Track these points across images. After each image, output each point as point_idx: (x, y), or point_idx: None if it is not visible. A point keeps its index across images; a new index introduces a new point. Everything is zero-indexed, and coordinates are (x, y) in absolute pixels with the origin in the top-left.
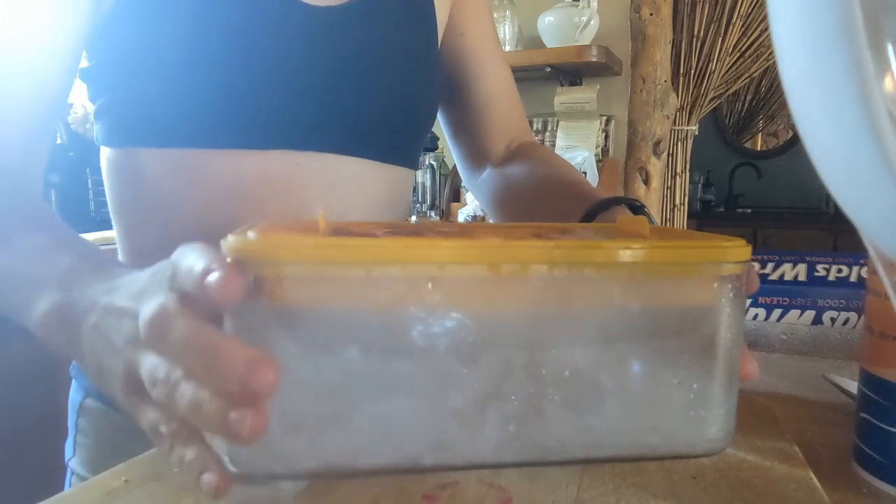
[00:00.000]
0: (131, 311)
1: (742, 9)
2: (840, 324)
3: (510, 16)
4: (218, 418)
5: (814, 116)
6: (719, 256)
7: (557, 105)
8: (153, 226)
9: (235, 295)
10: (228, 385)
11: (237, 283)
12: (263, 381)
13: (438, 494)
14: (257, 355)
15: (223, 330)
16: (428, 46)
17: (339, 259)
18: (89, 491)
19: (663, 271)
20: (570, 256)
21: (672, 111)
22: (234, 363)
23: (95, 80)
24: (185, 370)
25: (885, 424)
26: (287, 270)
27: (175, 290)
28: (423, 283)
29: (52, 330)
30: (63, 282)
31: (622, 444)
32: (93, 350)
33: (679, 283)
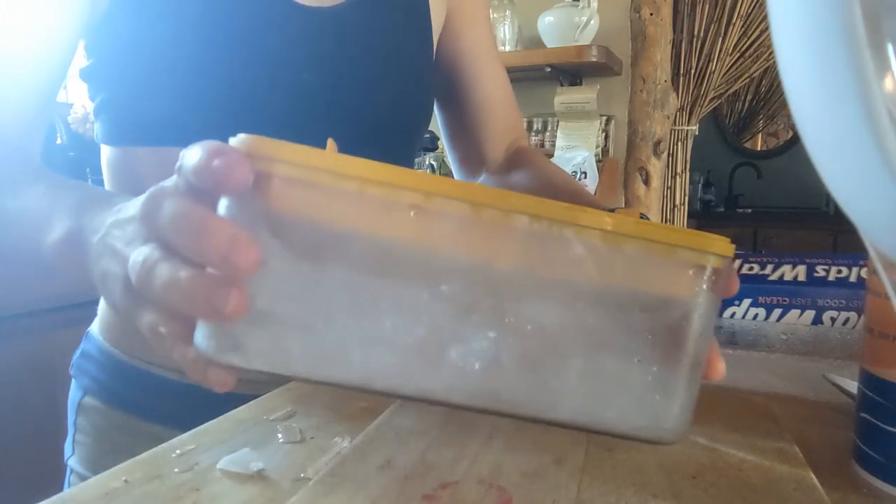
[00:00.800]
0: (136, 216)
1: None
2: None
3: (510, 16)
4: (202, 292)
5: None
6: (701, 245)
7: (557, 105)
8: None
9: (242, 179)
10: (211, 259)
11: (244, 168)
12: (245, 257)
13: (438, 494)
14: (241, 234)
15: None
16: (422, 48)
17: (336, 168)
18: (89, 491)
19: (644, 248)
20: (553, 213)
21: (672, 111)
22: (219, 238)
23: (95, 78)
24: (171, 246)
25: (885, 424)
26: (284, 170)
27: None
28: (407, 210)
29: (64, 255)
30: (74, 210)
31: (575, 411)
32: (98, 260)
33: (657, 264)
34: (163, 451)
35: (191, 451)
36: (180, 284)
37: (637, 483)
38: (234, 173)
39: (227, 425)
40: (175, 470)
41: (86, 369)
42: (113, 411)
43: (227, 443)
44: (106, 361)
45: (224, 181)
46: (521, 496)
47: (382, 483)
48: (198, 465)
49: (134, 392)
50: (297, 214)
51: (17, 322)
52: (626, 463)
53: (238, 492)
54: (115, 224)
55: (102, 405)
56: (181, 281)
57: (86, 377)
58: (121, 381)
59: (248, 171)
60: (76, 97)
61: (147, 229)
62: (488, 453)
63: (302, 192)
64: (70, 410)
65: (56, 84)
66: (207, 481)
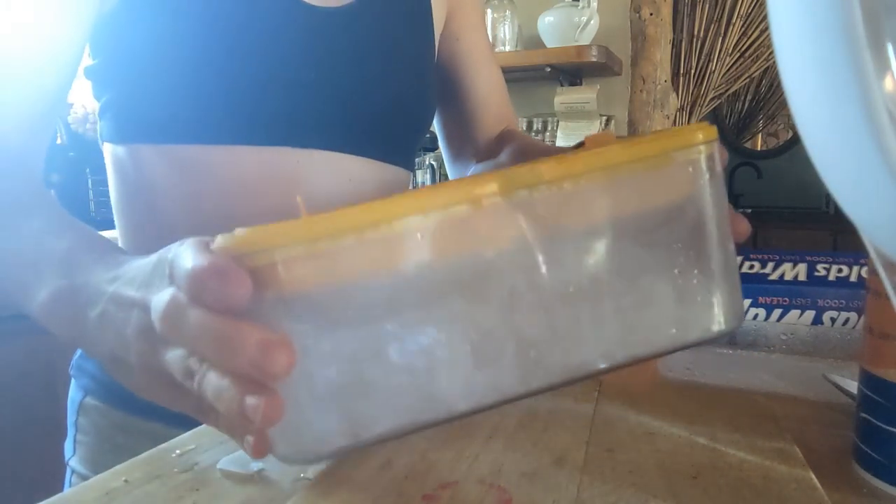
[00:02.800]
0: (140, 301)
1: (742, 9)
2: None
3: (510, 16)
4: (235, 405)
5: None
6: (688, 140)
7: (557, 105)
8: (155, 222)
9: (244, 294)
10: (243, 369)
11: (241, 285)
12: (278, 362)
13: (439, 494)
14: (271, 336)
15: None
16: (425, 49)
17: (328, 229)
18: (89, 491)
19: (638, 168)
20: (544, 176)
21: (672, 111)
22: (248, 346)
23: (99, 77)
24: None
25: (885, 424)
26: (282, 254)
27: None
28: (413, 235)
29: (56, 316)
30: (64, 266)
31: (641, 343)
32: (103, 340)
33: (656, 176)
34: (163, 451)
35: (191, 451)
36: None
37: (637, 483)
38: (233, 290)
39: None
40: (175, 470)
41: (86, 369)
42: (114, 411)
43: (227, 443)
44: None
45: (225, 301)
46: (521, 496)
47: (382, 483)
48: (198, 465)
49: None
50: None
51: (17, 322)
52: (626, 463)
53: (238, 492)
54: (117, 301)
55: (103, 405)
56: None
57: (86, 377)
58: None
59: (245, 282)
60: (76, 97)
61: (173, 344)
62: (488, 453)
63: (307, 265)
64: (70, 411)
65: (62, 90)
66: (207, 481)
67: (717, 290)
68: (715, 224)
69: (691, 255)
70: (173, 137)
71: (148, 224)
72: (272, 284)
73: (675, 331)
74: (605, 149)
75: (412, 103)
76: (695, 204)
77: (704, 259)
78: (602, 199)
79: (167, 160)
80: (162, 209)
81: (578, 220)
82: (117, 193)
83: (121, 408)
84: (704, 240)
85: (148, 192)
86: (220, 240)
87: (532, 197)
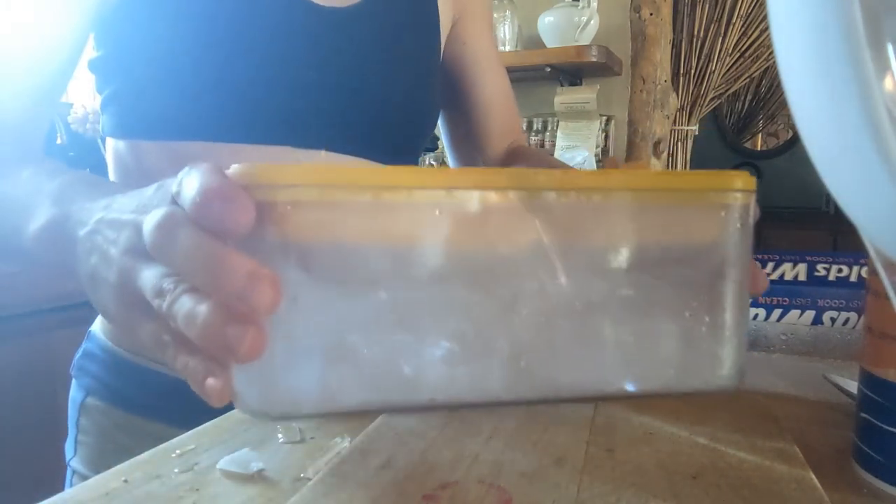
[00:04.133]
0: (132, 221)
1: (742, 9)
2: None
3: (510, 16)
4: (215, 330)
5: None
6: (726, 184)
7: (557, 105)
8: None
9: (245, 221)
10: (228, 297)
11: (246, 209)
12: (264, 295)
13: (439, 494)
14: (260, 270)
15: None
16: (430, 52)
17: (347, 180)
18: (89, 491)
19: (670, 199)
20: (577, 182)
21: (672, 111)
22: (237, 275)
23: (102, 70)
24: (186, 281)
25: (885, 424)
26: (295, 194)
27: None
28: (430, 210)
29: (47, 242)
30: (57, 197)
31: (635, 379)
32: (87, 258)
33: (686, 212)
34: (163, 451)
35: (191, 451)
36: (196, 320)
37: (637, 483)
38: (236, 216)
39: (227, 425)
40: (175, 470)
41: (88, 369)
42: (116, 411)
43: (227, 443)
44: (109, 360)
45: (226, 225)
46: (521, 496)
47: (382, 483)
48: (198, 465)
49: (138, 391)
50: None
51: (17, 322)
52: (626, 463)
53: (238, 492)
54: (107, 223)
55: (105, 405)
56: (198, 316)
57: (88, 377)
58: (124, 381)
59: (250, 211)
60: (76, 97)
61: (158, 259)
62: (488, 453)
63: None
64: (71, 411)
65: (64, 73)
66: (207, 481)
67: (725, 344)
68: (736, 276)
69: (706, 301)
70: (175, 134)
71: None
72: (277, 223)
73: (673, 375)
74: (642, 171)
75: (415, 105)
76: (720, 250)
77: (718, 309)
78: (629, 220)
79: (169, 156)
80: None
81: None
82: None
83: (123, 408)
84: (722, 289)
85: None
86: (235, 167)
87: (560, 202)
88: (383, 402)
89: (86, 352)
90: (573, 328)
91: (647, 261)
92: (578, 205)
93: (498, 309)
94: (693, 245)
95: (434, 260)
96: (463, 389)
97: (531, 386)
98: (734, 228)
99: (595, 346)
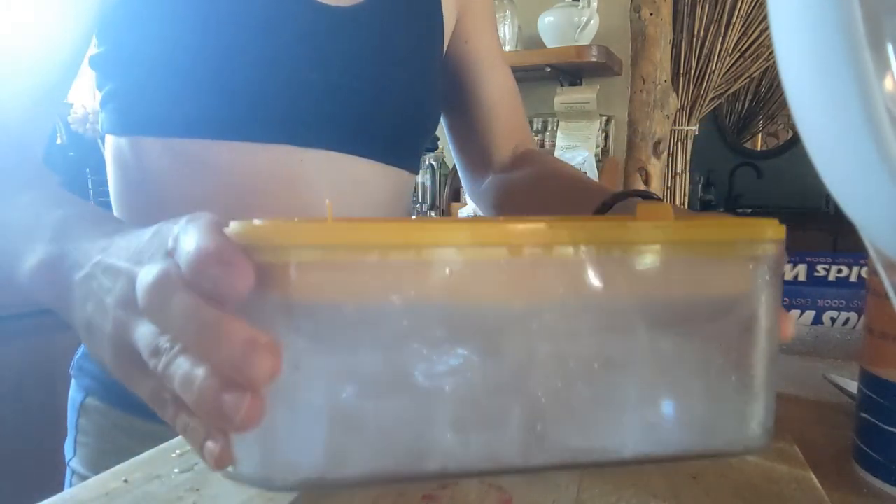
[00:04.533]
0: (127, 271)
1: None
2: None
3: (510, 16)
4: (211, 398)
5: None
6: (754, 235)
7: (557, 105)
8: (155, 216)
9: (244, 288)
10: (224, 366)
11: (247, 275)
12: (262, 366)
13: (439, 495)
14: (259, 338)
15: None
16: (433, 51)
17: (354, 241)
18: (89, 491)
19: (696, 251)
20: (596, 236)
21: (672, 111)
22: (234, 343)
23: (103, 66)
24: (182, 344)
25: (885, 424)
26: (298, 255)
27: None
28: (440, 269)
29: (43, 281)
30: (56, 233)
31: (657, 443)
32: (83, 305)
33: (713, 264)
34: (163, 451)
35: (191, 451)
36: (192, 385)
37: (637, 483)
38: (234, 282)
39: None
40: (175, 470)
41: (88, 370)
42: (116, 412)
43: None
44: None
45: (223, 290)
46: (521, 496)
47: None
48: (198, 465)
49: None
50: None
51: (17, 322)
52: None
53: (238, 492)
54: (103, 269)
55: (105, 406)
56: (194, 381)
57: (88, 378)
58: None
59: (248, 277)
60: (76, 97)
61: (151, 321)
62: None
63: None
64: (71, 411)
65: (66, 74)
66: (207, 481)
67: (752, 403)
68: (766, 329)
69: (733, 357)
70: (174, 130)
71: (147, 217)
72: (278, 286)
73: (697, 437)
74: (664, 223)
75: (416, 105)
76: (749, 304)
77: (745, 366)
78: (651, 275)
79: (168, 153)
80: (161, 203)
81: (621, 292)
82: (117, 186)
83: (123, 408)
84: (750, 345)
85: (148, 185)
86: (234, 225)
87: (577, 257)
88: (391, 473)
89: (86, 352)
90: (592, 390)
91: (672, 317)
92: (598, 260)
93: (513, 371)
94: (720, 299)
95: (444, 321)
96: (475, 457)
97: (548, 452)
98: (763, 281)
99: (615, 409)
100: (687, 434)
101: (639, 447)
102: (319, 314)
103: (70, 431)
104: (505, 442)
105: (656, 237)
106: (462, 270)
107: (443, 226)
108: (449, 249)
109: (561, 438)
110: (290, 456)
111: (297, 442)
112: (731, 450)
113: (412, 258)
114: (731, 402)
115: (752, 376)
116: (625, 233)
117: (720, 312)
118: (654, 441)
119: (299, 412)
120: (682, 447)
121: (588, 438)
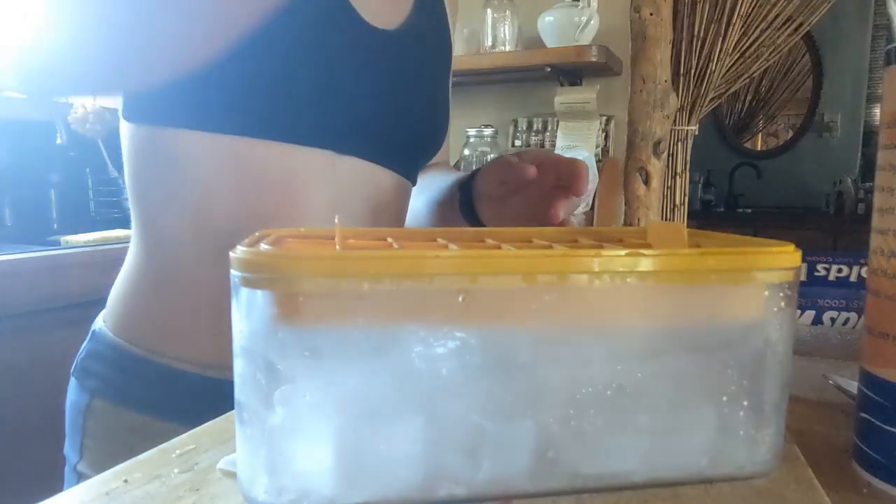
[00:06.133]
0: None
1: (742, 9)
2: (840, 324)
3: (510, 16)
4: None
5: None
6: (769, 263)
7: (557, 105)
8: (179, 210)
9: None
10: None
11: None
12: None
13: None
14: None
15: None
16: (448, 71)
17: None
18: (89, 491)
19: (710, 279)
20: (612, 265)
21: (672, 111)
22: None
23: None
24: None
25: (885, 424)
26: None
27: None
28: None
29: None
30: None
31: (668, 468)
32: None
33: (727, 291)
34: (163, 451)
35: (191, 451)
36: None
37: None
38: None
39: (226, 425)
40: (175, 470)
41: (94, 370)
42: (126, 412)
43: (227, 443)
44: (117, 358)
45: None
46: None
47: None
48: (198, 465)
49: (150, 389)
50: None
51: (17, 322)
52: None
53: (238, 492)
54: None
55: (114, 406)
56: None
57: (94, 379)
58: (134, 379)
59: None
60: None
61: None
62: None
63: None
64: (74, 414)
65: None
66: (207, 481)
67: (763, 429)
68: (779, 356)
69: (745, 384)
70: (215, 126)
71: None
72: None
73: (707, 462)
74: (678, 251)
75: (436, 122)
76: (762, 331)
77: (757, 392)
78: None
79: (204, 147)
80: (189, 196)
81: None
82: (138, 176)
83: (134, 408)
84: (763, 372)
85: (176, 177)
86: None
87: (590, 285)
88: (399, 499)
89: (91, 352)
90: (604, 417)
91: (685, 344)
92: (611, 287)
93: (524, 397)
94: (734, 326)
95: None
96: (485, 483)
97: (559, 478)
98: (778, 308)
99: (627, 435)
100: (697, 459)
101: (649, 472)
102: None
103: (73, 435)
104: (515, 468)
105: (669, 266)
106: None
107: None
108: (461, 277)
109: (572, 464)
110: (297, 480)
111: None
112: (740, 474)
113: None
114: (743, 427)
115: (764, 402)
116: (637, 262)
117: (734, 339)
118: (663, 466)
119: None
120: (691, 472)
121: (599, 464)
